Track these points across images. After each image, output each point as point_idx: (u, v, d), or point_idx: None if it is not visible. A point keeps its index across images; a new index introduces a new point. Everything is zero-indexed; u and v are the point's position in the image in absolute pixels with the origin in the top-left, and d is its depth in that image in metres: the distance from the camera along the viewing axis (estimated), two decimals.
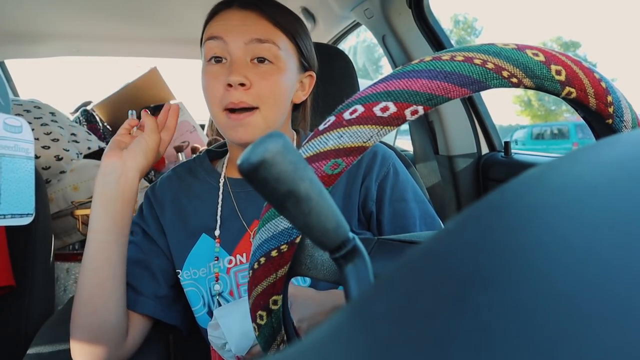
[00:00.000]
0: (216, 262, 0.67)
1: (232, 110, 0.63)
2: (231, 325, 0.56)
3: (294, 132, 0.77)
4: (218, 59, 0.65)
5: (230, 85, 0.62)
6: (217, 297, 0.67)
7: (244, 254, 0.67)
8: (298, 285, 0.63)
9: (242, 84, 0.62)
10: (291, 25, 0.67)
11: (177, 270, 0.69)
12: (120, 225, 0.61)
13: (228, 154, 0.77)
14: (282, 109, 0.67)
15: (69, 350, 0.62)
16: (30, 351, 0.66)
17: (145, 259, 0.68)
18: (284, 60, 0.65)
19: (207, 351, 0.70)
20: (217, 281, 0.67)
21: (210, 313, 0.68)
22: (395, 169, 0.69)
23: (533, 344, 0.10)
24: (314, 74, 0.74)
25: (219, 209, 0.70)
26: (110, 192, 0.60)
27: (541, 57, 0.32)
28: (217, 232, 0.68)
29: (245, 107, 0.63)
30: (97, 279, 0.59)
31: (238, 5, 0.65)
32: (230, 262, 0.67)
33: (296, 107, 0.75)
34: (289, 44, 0.67)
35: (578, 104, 0.35)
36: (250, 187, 0.23)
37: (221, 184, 0.72)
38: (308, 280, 0.66)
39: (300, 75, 0.71)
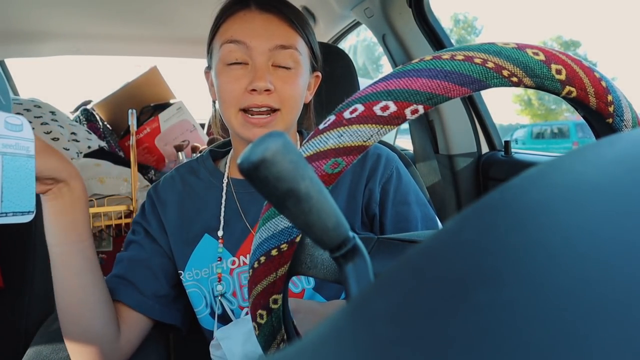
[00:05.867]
0: (219, 262, 0.67)
1: (246, 111, 0.63)
2: (233, 347, 0.56)
3: (297, 133, 0.77)
4: (238, 63, 0.64)
5: (254, 90, 0.62)
6: (220, 297, 0.67)
7: (247, 255, 0.67)
8: (300, 300, 0.62)
9: (267, 89, 0.62)
10: (305, 27, 0.68)
11: (180, 271, 0.69)
12: (74, 234, 0.56)
13: (231, 153, 0.77)
14: (298, 110, 0.68)
15: None
16: (30, 350, 0.66)
17: (147, 258, 0.68)
18: (301, 63, 0.66)
19: (207, 351, 0.70)
20: (219, 282, 0.66)
21: (212, 314, 0.68)
22: (399, 172, 0.70)
23: (533, 344, 0.10)
24: (319, 74, 0.74)
25: (222, 209, 0.70)
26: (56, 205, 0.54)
27: (541, 56, 0.32)
28: (220, 233, 0.68)
29: (268, 108, 0.63)
30: (66, 289, 0.57)
31: (257, 7, 0.65)
32: (233, 263, 0.67)
33: None
34: (305, 47, 0.68)
35: (578, 103, 0.35)
36: (254, 189, 0.23)
37: (224, 185, 0.72)
38: (312, 280, 0.66)
39: (310, 76, 0.71)
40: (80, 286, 0.57)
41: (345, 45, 2.18)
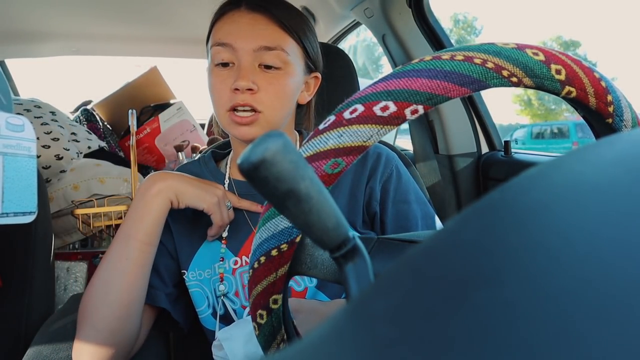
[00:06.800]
0: (221, 262, 0.67)
1: (235, 110, 0.64)
2: (235, 347, 0.56)
3: (297, 133, 0.77)
4: (225, 64, 0.65)
5: (237, 89, 0.63)
6: (222, 297, 0.67)
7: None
8: (302, 300, 0.63)
9: (250, 89, 0.63)
10: (299, 28, 0.67)
11: (183, 271, 0.69)
12: (159, 234, 0.62)
13: (231, 154, 0.77)
14: (286, 110, 0.68)
15: (69, 348, 0.61)
16: (30, 350, 0.66)
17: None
18: (291, 64, 0.66)
19: (207, 351, 0.70)
20: (221, 282, 0.67)
21: (214, 314, 0.68)
22: (398, 171, 0.70)
23: (533, 344, 0.10)
24: (319, 75, 0.74)
25: None
26: (160, 206, 0.61)
27: (541, 57, 0.32)
28: (224, 234, 0.68)
29: (251, 107, 0.64)
30: (131, 286, 0.59)
31: (247, 7, 0.65)
32: (235, 263, 0.67)
33: (300, 107, 0.76)
34: (296, 47, 0.67)
35: (578, 103, 0.35)
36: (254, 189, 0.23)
37: (225, 185, 0.72)
38: (315, 280, 0.66)
39: (305, 77, 0.71)
40: (144, 284, 0.61)
41: (345, 45, 2.18)
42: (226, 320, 0.67)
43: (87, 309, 0.59)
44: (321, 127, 0.33)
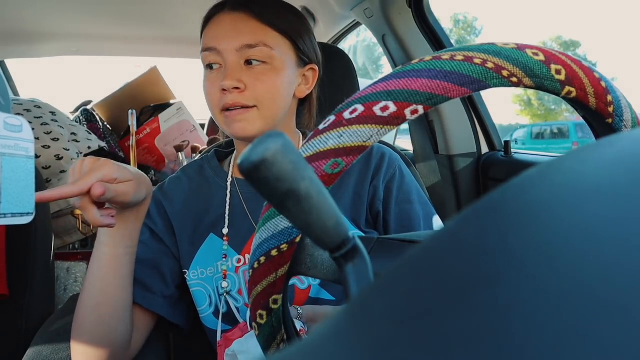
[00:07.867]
0: (224, 260, 0.67)
1: (228, 109, 0.65)
2: None
3: (300, 134, 0.77)
4: (214, 66, 0.66)
5: (225, 90, 0.63)
6: (225, 295, 0.67)
7: None
8: (316, 307, 0.62)
9: (237, 87, 0.63)
10: (283, 22, 0.67)
11: (184, 270, 0.69)
12: (130, 240, 0.59)
13: (234, 153, 0.77)
14: (281, 105, 0.67)
15: (69, 349, 0.61)
16: (30, 350, 0.66)
17: (154, 259, 0.68)
18: (279, 58, 0.65)
19: (207, 351, 0.70)
20: (225, 278, 0.67)
21: (216, 313, 0.68)
22: (402, 171, 0.71)
23: (532, 344, 0.10)
24: (316, 67, 0.73)
25: (227, 208, 0.70)
26: (125, 216, 0.57)
27: (541, 57, 0.32)
28: (225, 231, 0.68)
29: (242, 106, 0.64)
30: (104, 289, 0.58)
31: (229, 8, 0.66)
32: (239, 261, 0.68)
33: (302, 103, 0.75)
34: (283, 41, 0.67)
35: (578, 104, 0.35)
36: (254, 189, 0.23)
37: (229, 184, 0.72)
38: (317, 280, 0.66)
39: (300, 70, 0.70)
40: (119, 287, 0.59)
41: (345, 45, 2.18)
42: (228, 318, 0.67)
43: (77, 313, 0.59)
44: (321, 127, 0.33)
